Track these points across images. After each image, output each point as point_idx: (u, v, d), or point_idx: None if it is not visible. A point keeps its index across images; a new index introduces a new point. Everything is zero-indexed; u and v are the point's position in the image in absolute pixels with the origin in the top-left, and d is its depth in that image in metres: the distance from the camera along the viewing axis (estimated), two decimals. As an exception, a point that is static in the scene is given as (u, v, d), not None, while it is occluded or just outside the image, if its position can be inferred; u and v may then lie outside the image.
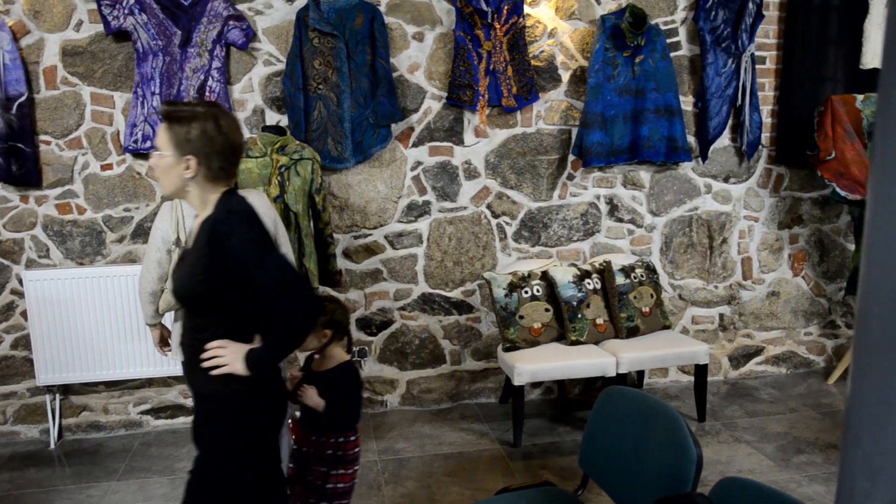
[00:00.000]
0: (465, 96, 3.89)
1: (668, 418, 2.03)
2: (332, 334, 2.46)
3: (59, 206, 3.75)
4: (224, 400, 1.98)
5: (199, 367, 1.93)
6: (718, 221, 4.38)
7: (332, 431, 2.46)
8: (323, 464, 2.45)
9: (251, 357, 1.89)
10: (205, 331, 1.95)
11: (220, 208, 1.94)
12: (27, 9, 3.59)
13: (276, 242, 1.96)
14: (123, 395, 3.94)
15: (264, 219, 2.75)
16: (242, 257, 1.85)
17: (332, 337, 2.46)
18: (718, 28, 4.08)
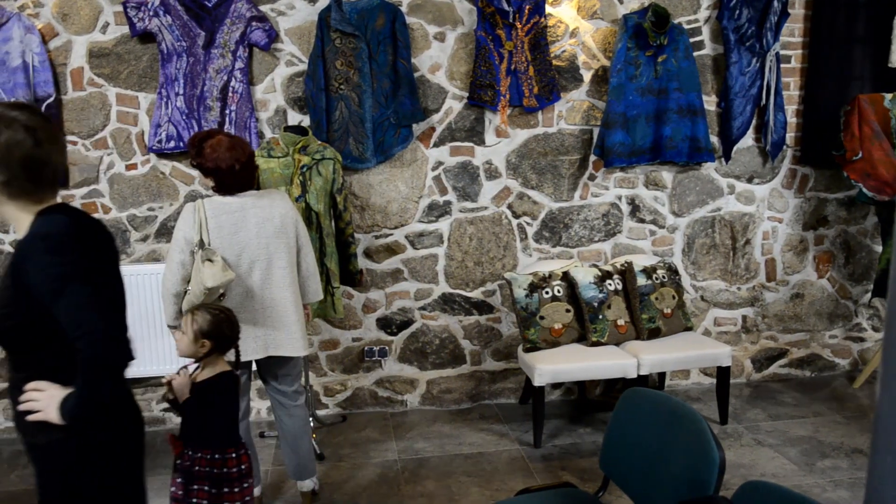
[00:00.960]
0: (486, 96, 3.89)
1: (691, 420, 2.01)
2: (213, 346, 2.37)
3: (85, 205, 3.81)
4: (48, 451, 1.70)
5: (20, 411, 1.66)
6: (741, 222, 4.34)
7: (202, 446, 2.34)
8: (205, 482, 2.33)
9: (66, 404, 1.61)
10: (22, 370, 1.70)
11: (29, 231, 1.65)
12: (56, 12, 3.64)
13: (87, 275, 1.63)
14: (146, 392, 3.99)
15: (284, 220, 2.80)
16: (39, 291, 1.58)
17: (211, 348, 2.37)
18: (743, 27, 4.04)
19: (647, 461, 2.13)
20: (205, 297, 2.67)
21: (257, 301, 2.80)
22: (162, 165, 3.82)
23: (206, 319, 2.38)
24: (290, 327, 2.85)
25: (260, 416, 4.08)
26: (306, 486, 3.09)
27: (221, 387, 2.37)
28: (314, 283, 3.02)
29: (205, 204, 2.75)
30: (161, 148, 3.73)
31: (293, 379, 3.01)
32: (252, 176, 2.83)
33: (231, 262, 2.74)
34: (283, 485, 3.34)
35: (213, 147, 2.70)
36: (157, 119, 3.71)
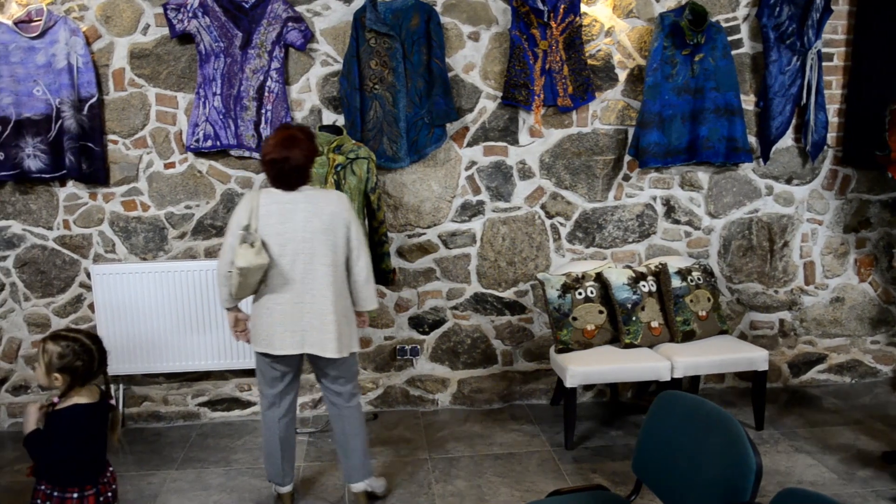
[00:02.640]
0: (520, 96, 3.88)
1: (726, 425, 1.98)
2: (68, 380, 2.18)
3: (125, 203, 3.89)
4: None
5: None
6: (780, 224, 4.26)
7: (45, 480, 2.22)
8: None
9: None
10: None
11: None
12: (99, 14, 3.73)
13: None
14: (182, 386, 4.06)
15: (334, 219, 2.81)
16: None
17: (68, 383, 2.18)
18: (783, 24, 3.96)
19: (681, 465, 2.10)
20: (240, 278, 2.73)
21: (296, 295, 2.81)
22: (199, 164, 3.89)
23: (57, 352, 2.16)
24: (326, 327, 2.83)
25: (293, 413, 4.12)
26: (357, 488, 3.07)
27: (72, 418, 2.17)
28: (367, 291, 2.95)
29: (261, 192, 2.84)
30: (198, 147, 3.80)
31: (345, 380, 2.99)
32: (300, 175, 2.83)
33: (274, 251, 2.78)
34: (315, 481, 3.37)
35: (270, 140, 2.80)
36: (194, 118, 3.77)
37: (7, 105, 3.63)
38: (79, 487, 2.21)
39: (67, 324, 3.95)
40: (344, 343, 2.88)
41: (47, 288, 3.92)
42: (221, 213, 3.92)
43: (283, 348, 2.82)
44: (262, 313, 2.86)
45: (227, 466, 3.54)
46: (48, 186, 3.84)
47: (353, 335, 2.95)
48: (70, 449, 2.18)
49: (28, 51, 3.62)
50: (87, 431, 2.21)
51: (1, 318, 3.93)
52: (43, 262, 3.90)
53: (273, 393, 3.00)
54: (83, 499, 2.21)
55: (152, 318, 3.82)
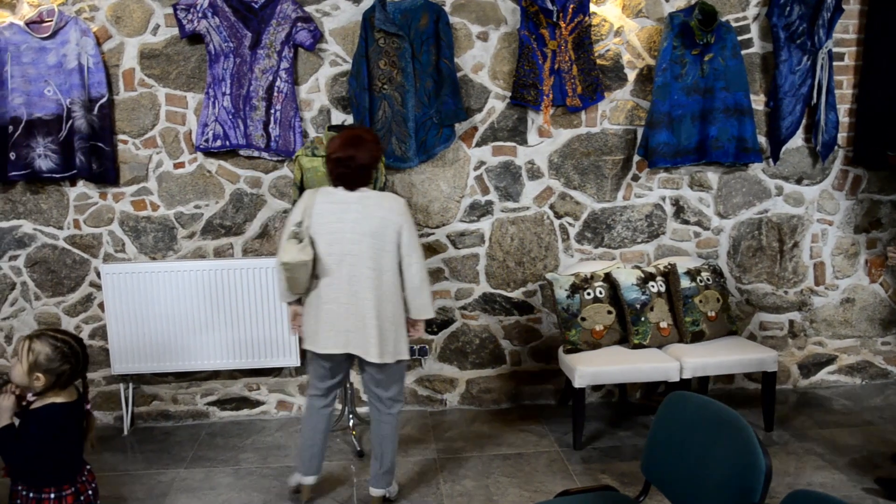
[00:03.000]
0: (529, 96, 3.88)
1: (736, 426, 1.97)
2: (48, 382, 2.13)
3: (135, 202, 3.91)
4: None
5: None
6: (790, 224, 4.24)
7: (20, 480, 2.18)
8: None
9: None
10: None
11: None
12: (110, 15, 3.75)
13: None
14: (191, 386, 4.08)
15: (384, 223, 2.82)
16: None
17: (46, 384, 2.13)
18: (793, 24, 3.94)
19: (690, 466, 2.09)
20: (286, 273, 2.79)
21: (342, 294, 2.84)
22: (209, 164, 3.90)
23: (46, 353, 2.11)
24: (368, 331, 2.83)
25: (301, 413, 4.13)
26: (376, 493, 3.08)
27: (45, 418, 2.13)
28: (419, 299, 2.90)
29: (319, 191, 2.91)
30: (208, 147, 3.81)
31: (387, 386, 2.99)
32: (364, 175, 2.86)
33: (322, 249, 2.83)
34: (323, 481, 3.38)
35: (335, 139, 2.85)
36: (204, 118, 3.79)
37: (18, 105, 3.65)
38: (55, 487, 2.18)
39: (78, 323, 3.97)
40: (387, 349, 2.87)
41: (57, 287, 3.94)
42: (230, 212, 3.94)
43: (327, 347, 2.86)
44: (310, 311, 2.91)
45: (236, 466, 3.55)
46: (59, 186, 3.86)
47: (401, 342, 2.91)
48: (44, 448, 2.13)
49: (39, 51, 3.64)
50: (63, 431, 2.17)
51: (12, 317, 3.96)
52: (53, 261, 3.92)
53: (321, 386, 3.05)
54: (61, 498, 2.18)
55: (162, 318, 3.83)
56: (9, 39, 3.62)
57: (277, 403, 4.13)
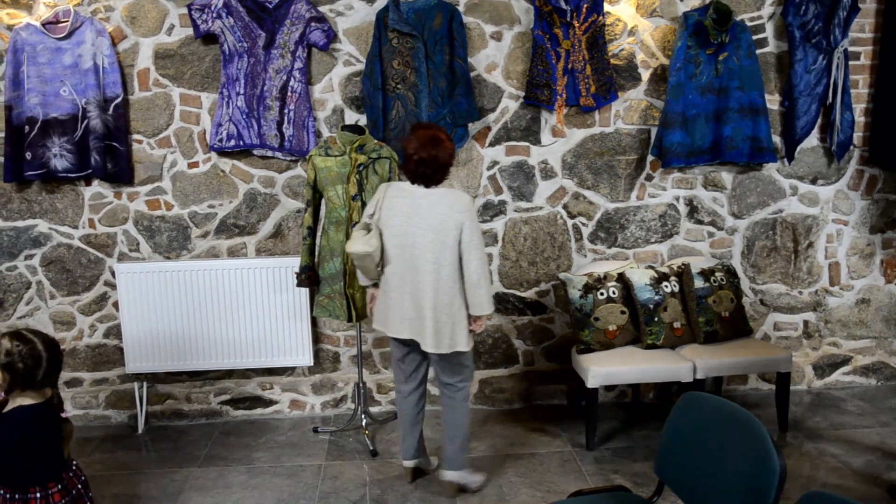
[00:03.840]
0: (542, 96, 3.87)
1: (750, 427, 1.96)
2: (9, 381, 2.13)
3: (149, 202, 3.93)
4: None
5: None
6: (804, 225, 4.21)
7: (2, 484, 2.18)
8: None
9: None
10: None
11: None
12: (125, 15, 3.77)
13: None
14: (205, 385, 4.10)
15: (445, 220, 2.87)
16: None
17: (10, 383, 2.13)
18: (809, 23, 3.92)
19: (703, 467, 2.09)
20: (356, 261, 3.01)
21: (406, 285, 2.97)
22: (222, 164, 3.92)
23: (4, 349, 2.12)
24: (424, 322, 2.95)
25: (314, 412, 4.14)
26: (445, 476, 3.21)
27: (15, 421, 2.13)
28: (476, 296, 2.94)
29: (391, 185, 3.07)
30: (222, 146, 3.82)
31: (450, 374, 3.11)
32: (435, 174, 2.94)
33: (389, 241, 2.97)
34: (336, 478, 3.38)
35: (412, 139, 2.94)
36: (218, 118, 3.80)
37: (34, 105, 3.68)
38: (41, 486, 2.18)
39: (93, 322, 4.00)
40: (442, 340, 2.96)
41: (73, 286, 3.97)
42: (244, 212, 3.95)
43: (394, 331, 3.04)
44: (381, 296, 3.10)
45: (249, 465, 3.56)
46: (74, 186, 3.89)
47: (458, 335, 2.99)
48: (20, 451, 2.13)
49: (55, 51, 3.67)
50: (36, 431, 2.17)
51: (28, 315, 3.98)
52: (68, 260, 3.94)
53: (403, 370, 3.21)
54: (48, 497, 2.18)
55: (175, 317, 3.85)
56: (25, 40, 3.65)
57: (290, 403, 4.14)
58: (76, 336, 4.00)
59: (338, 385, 4.14)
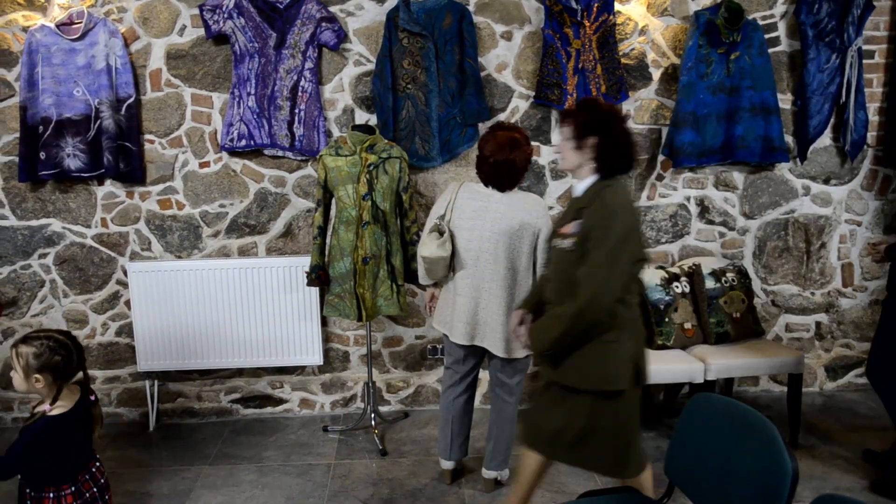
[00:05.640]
0: (552, 95, 3.86)
1: (762, 429, 1.95)
2: (49, 379, 2.14)
3: (161, 201, 3.95)
4: None
5: None
6: (817, 225, 4.18)
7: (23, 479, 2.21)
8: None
9: None
10: None
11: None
12: (137, 16, 3.79)
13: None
14: (215, 383, 4.12)
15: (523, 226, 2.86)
16: None
17: (51, 383, 2.14)
18: (822, 21, 3.89)
19: (715, 469, 2.07)
20: (425, 264, 2.94)
21: (475, 290, 2.94)
22: (233, 163, 3.94)
23: (31, 353, 2.11)
24: (494, 326, 2.93)
25: (324, 411, 4.15)
26: (488, 475, 3.21)
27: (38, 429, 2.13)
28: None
29: (463, 186, 3.02)
30: (233, 146, 3.84)
31: (510, 375, 3.09)
32: (511, 179, 2.92)
33: (461, 245, 2.94)
34: (346, 477, 3.39)
35: (490, 141, 2.91)
36: (229, 118, 3.82)
37: (49, 105, 3.71)
38: (55, 487, 2.19)
39: (105, 320, 4.03)
40: (514, 345, 2.96)
41: (85, 285, 4.00)
42: (255, 211, 3.97)
43: (457, 337, 3.00)
44: (447, 298, 3.06)
45: (259, 463, 3.58)
46: (87, 185, 3.92)
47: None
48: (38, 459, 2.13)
49: (69, 52, 3.70)
50: (56, 441, 2.16)
51: (41, 314, 4.02)
52: (81, 259, 3.98)
53: (456, 372, 3.17)
54: (60, 498, 2.18)
55: (187, 316, 3.87)
56: (40, 41, 3.68)
57: (300, 402, 4.15)
58: (89, 334, 4.03)
59: (347, 384, 4.15)
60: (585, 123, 2.31)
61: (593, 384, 2.33)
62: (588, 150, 2.32)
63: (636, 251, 2.28)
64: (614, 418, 2.37)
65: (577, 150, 2.34)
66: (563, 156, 2.39)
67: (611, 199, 2.24)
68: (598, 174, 2.33)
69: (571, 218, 2.33)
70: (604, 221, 2.21)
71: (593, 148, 2.31)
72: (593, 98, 2.42)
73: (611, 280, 2.20)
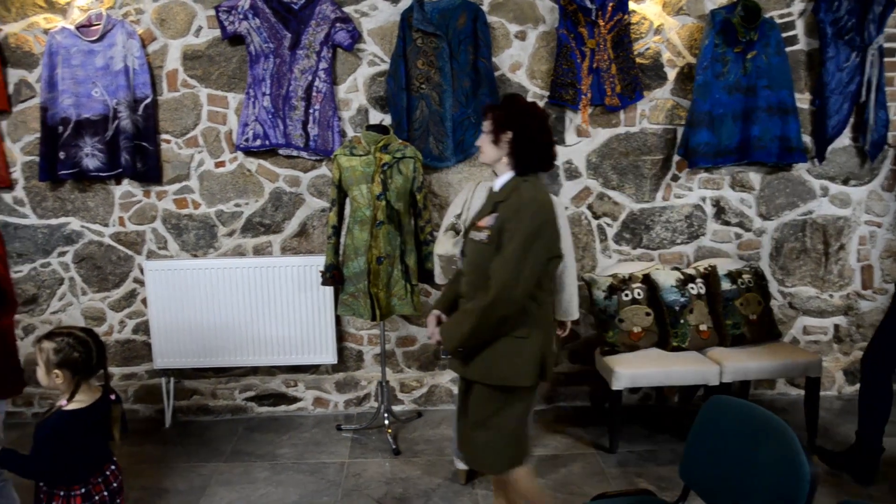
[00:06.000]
0: (567, 95, 3.85)
1: (779, 432, 1.92)
2: (69, 375, 2.16)
3: (177, 200, 3.99)
4: None
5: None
6: (835, 226, 4.13)
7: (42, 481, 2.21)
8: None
9: None
10: None
11: None
12: (154, 17, 3.83)
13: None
14: (230, 381, 4.15)
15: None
16: None
17: (70, 379, 2.16)
18: (842, 19, 3.84)
19: (731, 472, 2.05)
20: (440, 262, 3.02)
21: None
22: (248, 163, 3.96)
23: (51, 348, 2.14)
24: None
25: (337, 410, 4.17)
26: None
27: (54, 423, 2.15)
28: (564, 301, 3.00)
29: (479, 185, 3.04)
30: (248, 146, 3.86)
31: None
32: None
33: None
34: (360, 476, 3.40)
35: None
36: (244, 118, 3.84)
37: (68, 106, 3.76)
38: (66, 486, 2.18)
39: (122, 318, 4.07)
40: None
41: (103, 283, 4.05)
42: (270, 211, 3.99)
43: None
44: None
45: (273, 461, 3.59)
46: (105, 184, 3.96)
47: None
48: (48, 458, 2.14)
49: (88, 54, 3.74)
50: (71, 436, 2.16)
51: (60, 311, 4.07)
52: (99, 257, 4.02)
53: None
54: (70, 498, 2.18)
55: (202, 314, 3.90)
56: (60, 43, 3.73)
57: (314, 400, 4.17)
58: (106, 332, 4.08)
59: (361, 383, 4.16)
60: (502, 118, 2.36)
61: (499, 380, 2.36)
62: (504, 145, 2.37)
63: (549, 247, 2.33)
64: (512, 413, 2.40)
65: (495, 145, 2.38)
66: (482, 149, 2.44)
67: (526, 194, 2.29)
68: (514, 170, 2.38)
69: (489, 211, 2.39)
70: (517, 216, 2.26)
71: (509, 143, 2.35)
72: (515, 94, 2.49)
73: (522, 274, 2.25)
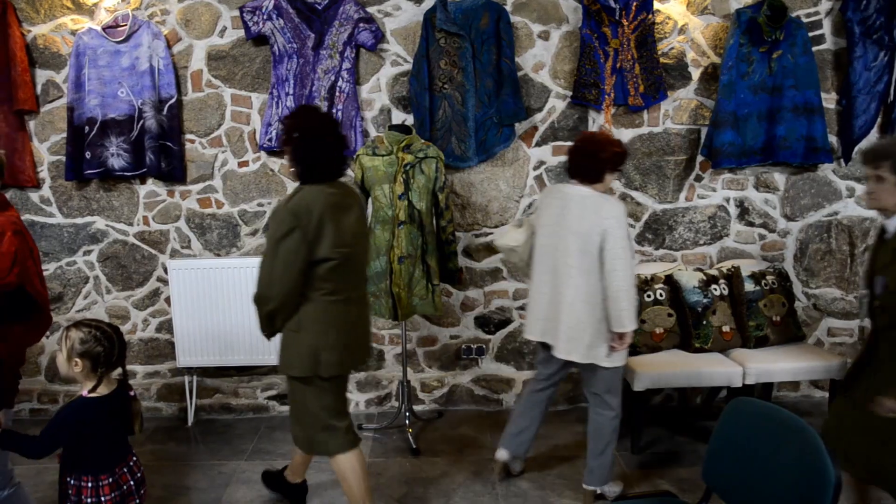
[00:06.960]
0: (590, 95, 3.83)
1: (803, 435, 1.91)
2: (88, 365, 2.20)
3: (201, 200, 4.02)
4: None
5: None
6: (861, 228, 4.08)
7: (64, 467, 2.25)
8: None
9: None
10: None
11: None
12: (180, 18, 3.86)
13: None
14: (252, 380, 4.17)
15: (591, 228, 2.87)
16: None
17: (85, 369, 2.20)
18: (870, 18, 3.79)
19: (754, 475, 2.04)
20: (503, 254, 3.22)
21: (549, 286, 2.99)
22: (271, 163, 3.99)
23: (78, 338, 2.20)
24: (560, 326, 2.92)
25: (358, 409, 4.18)
26: (585, 487, 3.11)
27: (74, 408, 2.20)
28: (615, 310, 2.81)
29: (550, 186, 3.19)
30: (271, 146, 3.89)
31: (592, 384, 3.03)
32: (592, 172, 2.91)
33: (539, 241, 3.04)
34: (381, 475, 3.41)
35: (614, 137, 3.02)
36: (267, 118, 3.87)
37: (94, 106, 3.80)
38: (93, 476, 2.21)
39: (146, 316, 4.11)
40: (574, 348, 2.89)
41: (127, 281, 4.09)
42: (292, 210, 4.01)
43: (528, 331, 3.10)
44: (529, 295, 3.14)
45: (295, 459, 3.61)
46: (129, 184, 4.01)
47: (596, 347, 2.88)
48: (73, 440, 2.19)
49: (114, 54, 3.79)
50: (91, 423, 2.20)
51: (85, 309, 4.12)
52: (124, 256, 4.07)
53: (543, 368, 3.20)
54: (98, 487, 2.22)
55: (225, 313, 3.93)
56: (87, 44, 3.77)
57: (335, 399, 4.18)
58: (130, 330, 4.12)
59: (382, 383, 4.17)
60: (285, 130, 2.55)
61: (281, 369, 2.65)
62: (288, 155, 2.56)
63: (305, 250, 2.45)
64: (308, 401, 2.64)
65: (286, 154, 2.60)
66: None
67: (290, 201, 2.46)
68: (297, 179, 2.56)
69: None
70: (271, 221, 2.51)
71: (289, 154, 2.54)
72: (308, 105, 2.73)
73: (272, 274, 2.48)
